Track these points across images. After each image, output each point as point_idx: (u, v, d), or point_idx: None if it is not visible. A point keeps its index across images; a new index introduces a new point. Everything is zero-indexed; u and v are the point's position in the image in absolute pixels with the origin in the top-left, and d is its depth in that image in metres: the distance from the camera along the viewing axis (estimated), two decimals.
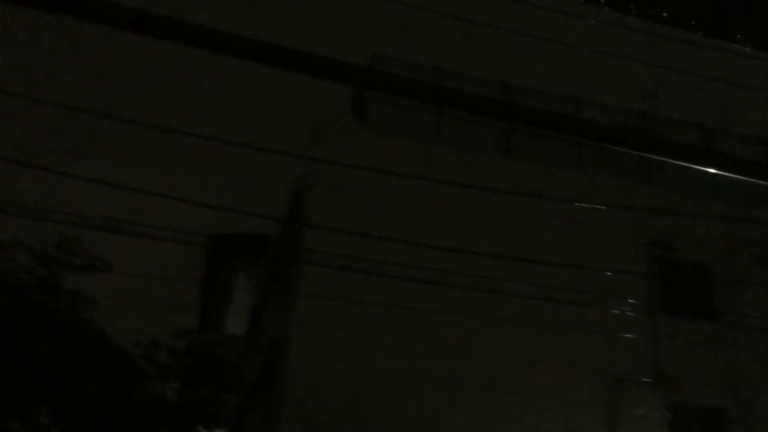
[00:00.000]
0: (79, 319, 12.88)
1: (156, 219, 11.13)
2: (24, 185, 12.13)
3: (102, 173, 11.21)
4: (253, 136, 9.80)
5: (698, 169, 3.73)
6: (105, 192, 9.81)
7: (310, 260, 13.03)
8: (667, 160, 3.64)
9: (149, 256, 14.00)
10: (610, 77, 16.52)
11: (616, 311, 14.35)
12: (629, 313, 14.45)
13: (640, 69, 14.60)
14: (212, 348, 16.54)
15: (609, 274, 14.30)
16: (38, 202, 11.75)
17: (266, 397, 14.90)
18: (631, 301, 14.53)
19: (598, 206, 14.48)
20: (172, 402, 14.28)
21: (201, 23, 3.33)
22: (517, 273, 12.85)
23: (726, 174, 3.74)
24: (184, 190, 10.72)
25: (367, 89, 12.32)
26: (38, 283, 12.82)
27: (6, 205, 11.44)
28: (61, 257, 13.14)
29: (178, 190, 10.64)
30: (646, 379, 14.31)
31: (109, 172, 12.27)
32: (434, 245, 12.18)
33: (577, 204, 14.41)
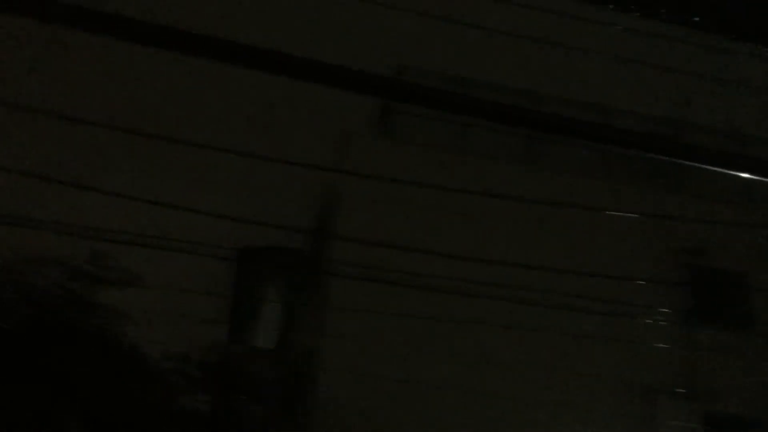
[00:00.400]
0: (111, 334, 12.98)
1: (186, 233, 11.20)
2: (54, 201, 12.27)
3: (132, 188, 11.30)
4: (282, 149, 9.84)
5: (731, 175, 3.66)
6: (135, 207, 9.89)
7: (338, 272, 13.03)
8: (698, 165, 3.58)
9: (179, 270, 14.08)
10: (639, 84, 16.37)
11: (648, 321, 14.17)
12: (662, 323, 14.26)
13: (670, 76, 14.45)
14: (242, 360, 16.58)
15: (641, 283, 14.13)
16: (69, 218, 11.87)
17: (296, 409, 14.89)
18: (663, 310, 14.34)
19: (629, 214, 14.33)
20: (203, 414, 14.32)
21: (228, 38, 3.34)
22: (546, 282, 12.74)
23: (760, 179, 3.67)
24: (213, 204, 10.78)
25: (394, 100, 12.32)
26: (70, 298, 12.95)
27: (37, 220, 11.57)
28: (93, 272, 13.27)
29: (208, 203, 10.70)
30: (680, 390, 14.10)
31: (139, 187, 12.38)
32: (460, 255, 12.11)
33: (607, 212, 14.27)
